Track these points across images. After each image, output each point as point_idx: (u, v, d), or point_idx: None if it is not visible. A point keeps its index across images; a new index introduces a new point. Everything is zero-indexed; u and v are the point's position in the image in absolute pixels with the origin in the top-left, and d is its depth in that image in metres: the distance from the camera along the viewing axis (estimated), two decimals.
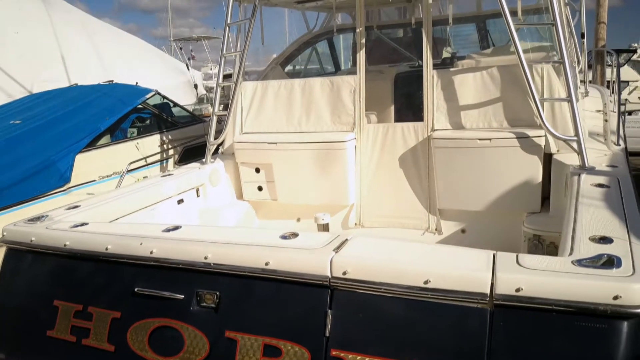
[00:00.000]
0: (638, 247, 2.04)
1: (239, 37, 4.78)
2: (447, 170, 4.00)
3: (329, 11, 6.19)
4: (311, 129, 4.55)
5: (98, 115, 5.60)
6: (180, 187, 4.32)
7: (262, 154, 4.55)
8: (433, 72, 4.10)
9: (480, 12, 6.38)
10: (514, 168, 3.74)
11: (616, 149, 3.89)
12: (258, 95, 4.73)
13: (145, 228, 2.80)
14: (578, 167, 3.39)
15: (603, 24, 13.72)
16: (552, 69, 3.68)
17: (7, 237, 3.10)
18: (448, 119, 4.07)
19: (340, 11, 6.45)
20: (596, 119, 4.83)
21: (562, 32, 3.49)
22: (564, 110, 3.63)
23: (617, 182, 3.05)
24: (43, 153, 4.85)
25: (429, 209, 4.22)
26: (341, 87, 4.41)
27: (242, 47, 4.56)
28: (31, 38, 10.09)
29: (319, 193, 4.45)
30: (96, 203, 3.59)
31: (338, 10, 6.21)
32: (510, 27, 3.48)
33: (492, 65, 4.44)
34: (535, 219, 3.65)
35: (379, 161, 4.38)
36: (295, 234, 2.36)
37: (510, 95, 3.85)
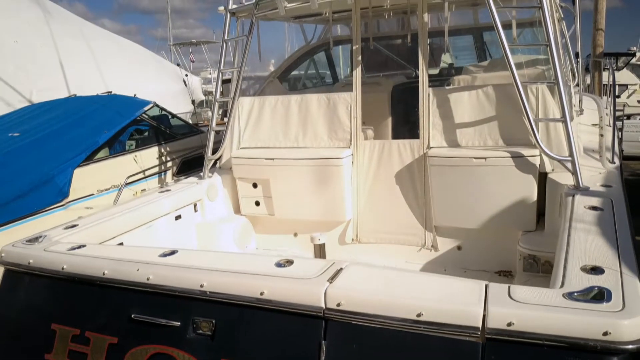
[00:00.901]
0: (628, 279, 2.06)
1: (236, 52, 4.81)
2: (443, 188, 4.03)
3: (326, 23, 6.22)
4: (308, 144, 4.58)
5: (96, 128, 5.62)
6: (178, 203, 4.35)
7: (259, 169, 4.58)
8: (429, 90, 4.13)
9: (477, 24, 6.41)
10: (509, 187, 3.77)
11: (611, 167, 3.91)
12: (255, 111, 4.76)
13: (142, 252, 2.82)
14: (572, 187, 3.42)
15: (601, 31, 13.76)
16: (547, 89, 3.71)
17: (5, 258, 3.12)
18: (444, 137, 4.10)
19: (337, 23, 6.48)
20: (592, 134, 4.86)
21: (557, 53, 3.51)
22: (559, 129, 3.66)
23: (610, 204, 3.08)
24: (41, 168, 4.86)
25: (425, 225, 4.25)
26: (338, 103, 4.44)
27: (239, 64, 4.59)
28: (30, 47, 10.13)
29: (316, 209, 4.48)
30: (94, 222, 3.61)
31: (335, 22, 6.24)
32: (505, 48, 3.51)
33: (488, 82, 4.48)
34: (531, 238, 3.68)
35: (376, 177, 4.41)
36: (290, 261, 2.39)
37: (506, 114, 3.88)
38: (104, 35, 13.32)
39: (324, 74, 7.18)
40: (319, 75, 7.15)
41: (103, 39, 12.90)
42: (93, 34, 12.47)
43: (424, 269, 4.17)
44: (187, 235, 4.49)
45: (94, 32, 12.76)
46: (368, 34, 6.18)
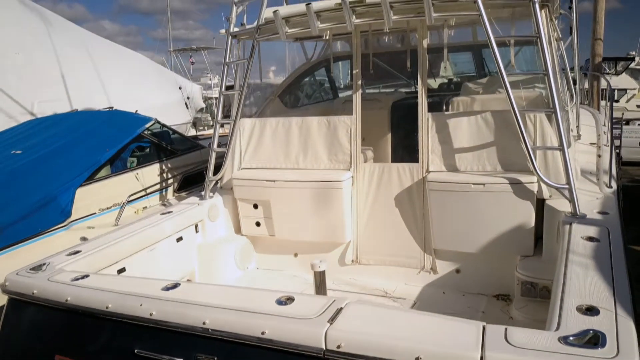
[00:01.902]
0: (623, 321, 2.10)
1: (237, 73, 4.86)
2: (441, 212, 4.07)
3: (327, 41, 6.27)
4: (308, 166, 4.63)
5: (98, 146, 5.66)
6: (179, 225, 4.40)
7: (260, 190, 4.63)
8: (428, 115, 4.18)
9: (476, 41, 6.46)
10: (507, 213, 3.82)
11: (608, 191, 3.96)
12: (256, 132, 4.81)
13: (145, 285, 2.86)
14: (570, 214, 3.47)
15: (600, 41, 13.81)
16: (545, 117, 3.76)
17: (9, 287, 3.16)
18: (443, 161, 4.15)
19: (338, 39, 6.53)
20: (589, 154, 4.90)
21: (554, 82, 3.56)
22: (557, 156, 3.70)
23: (607, 234, 3.12)
24: (44, 188, 4.90)
25: (424, 248, 4.30)
26: (338, 126, 4.49)
27: (240, 87, 4.64)
28: (32, 58, 10.16)
29: (316, 230, 4.52)
30: (96, 248, 3.66)
31: (335, 39, 6.29)
32: (504, 78, 3.55)
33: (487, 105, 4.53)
34: (528, 264, 3.72)
35: (375, 200, 4.46)
36: (291, 298, 2.43)
37: (504, 139, 3.93)
38: (105, 45, 13.37)
39: (324, 89, 7.22)
40: (320, 91, 7.20)
41: (104, 49, 12.94)
42: (94, 44, 12.51)
43: (423, 292, 4.21)
44: (189, 256, 4.53)
45: (95, 42, 12.81)
46: (368, 50, 6.23)
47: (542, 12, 3.74)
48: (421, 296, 4.12)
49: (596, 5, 13.58)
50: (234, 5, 4.62)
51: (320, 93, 7.26)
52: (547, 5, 3.89)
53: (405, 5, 3.85)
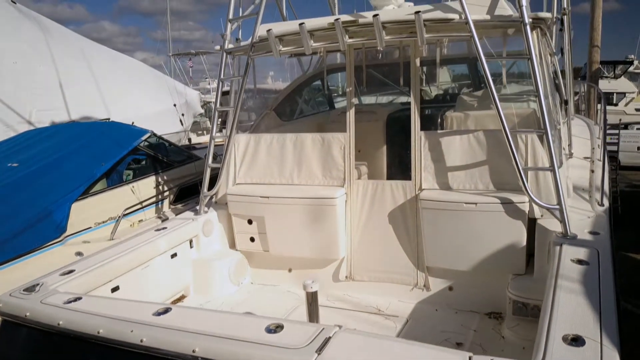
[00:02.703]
0: (608, 352, 2.12)
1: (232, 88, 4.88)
2: (434, 230, 4.09)
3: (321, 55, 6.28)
4: (303, 182, 4.66)
5: (94, 159, 5.68)
6: (174, 241, 4.41)
7: (254, 207, 4.65)
8: (421, 133, 4.21)
9: (471, 54, 6.48)
10: (499, 231, 3.84)
11: (600, 210, 3.97)
12: (251, 148, 4.83)
13: (137, 308, 2.88)
14: (560, 234, 3.49)
15: (597, 47, 13.85)
16: (537, 137, 3.78)
17: (3, 308, 3.18)
18: (435, 179, 4.17)
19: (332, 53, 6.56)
20: (583, 169, 4.93)
21: (546, 104, 3.58)
22: (548, 176, 3.72)
23: (597, 256, 3.14)
24: (39, 203, 4.91)
25: (417, 265, 4.32)
26: (332, 143, 4.52)
27: (235, 103, 4.66)
28: (30, 67, 10.19)
29: (310, 246, 4.54)
30: (90, 266, 3.67)
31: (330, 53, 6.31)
32: (496, 101, 3.58)
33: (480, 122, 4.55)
34: (520, 283, 3.74)
35: (369, 217, 4.48)
36: (280, 326, 2.45)
37: (496, 159, 3.95)
38: (103, 53, 13.39)
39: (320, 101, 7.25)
40: (316, 103, 7.23)
41: (102, 56, 12.98)
42: (92, 52, 12.54)
43: (416, 309, 4.23)
44: (183, 272, 4.55)
45: (93, 50, 12.83)
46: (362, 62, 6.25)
47: (534, 32, 3.77)
48: (414, 314, 4.13)
49: (593, 12, 13.63)
50: (229, 22, 4.65)
51: (316, 104, 7.29)
52: (538, 26, 3.92)
53: (397, 25, 3.88)
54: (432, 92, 7.50)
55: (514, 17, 3.68)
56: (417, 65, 4.27)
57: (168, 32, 39.09)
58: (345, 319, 4.08)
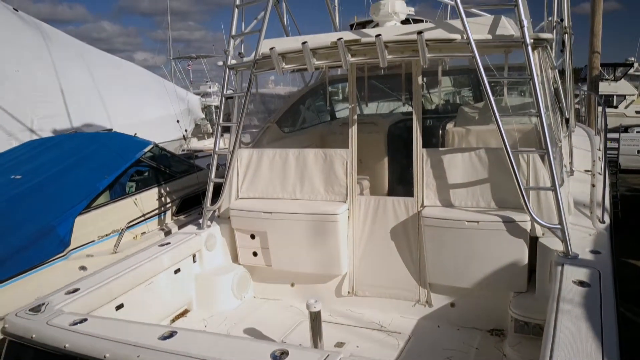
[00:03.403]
0: None
1: (235, 105, 4.91)
2: (436, 247, 4.12)
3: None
4: (305, 197, 4.68)
5: (97, 172, 5.70)
6: (177, 256, 4.44)
7: (257, 222, 4.67)
8: (423, 150, 4.23)
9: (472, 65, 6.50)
10: (500, 250, 3.86)
11: (601, 227, 4.00)
12: (254, 162, 4.86)
13: (143, 332, 2.91)
14: (562, 254, 3.52)
15: (597, 54, 13.88)
16: (538, 157, 3.80)
17: (9, 329, 3.21)
18: (437, 196, 4.20)
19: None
20: (583, 183, 4.95)
21: (547, 123, 3.61)
22: (549, 195, 3.75)
23: (598, 277, 3.17)
24: (43, 217, 4.93)
25: (420, 281, 4.34)
26: (334, 159, 4.54)
27: (238, 119, 4.69)
28: (31, 74, 10.21)
29: (313, 262, 4.57)
30: (95, 285, 3.70)
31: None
32: (498, 121, 3.60)
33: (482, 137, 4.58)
34: (522, 301, 3.76)
35: (371, 232, 4.50)
36: (285, 352, 2.47)
37: (498, 177, 3.97)
38: (104, 59, 13.42)
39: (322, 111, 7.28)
40: (317, 114, 7.26)
41: (104, 63, 13.00)
42: (94, 58, 12.57)
43: (418, 325, 4.25)
44: (186, 287, 4.58)
45: (94, 56, 12.86)
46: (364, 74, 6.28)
47: (535, 52, 3.80)
48: (416, 330, 4.16)
49: (593, 17, 13.65)
50: (232, 38, 4.68)
51: (318, 115, 7.31)
52: (539, 46, 3.94)
53: (400, 45, 3.91)
54: (432, 102, 7.53)
55: (515, 37, 3.70)
56: (419, 83, 4.30)
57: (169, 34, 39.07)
58: (348, 336, 4.10)
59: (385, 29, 4.36)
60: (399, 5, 4.65)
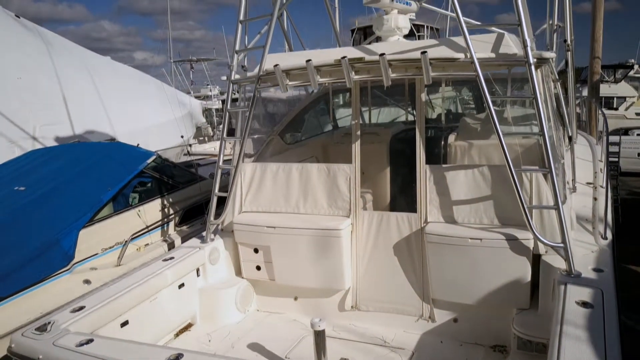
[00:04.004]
0: None
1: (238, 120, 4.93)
2: (439, 263, 4.14)
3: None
4: (308, 211, 4.70)
5: (100, 184, 5.71)
6: (181, 271, 4.46)
7: (260, 236, 4.69)
8: (426, 167, 4.25)
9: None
10: (503, 267, 3.88)
11: (603, 244, 4.02)
12: (257, 176, 4.88)
13: (149, 353, 2.93)
14: (565, 272, 3.54)
15: (598, 59, 13.88)
16: (541, 175, 3.82)
17: (15, 349, 3.23)
18: (440, 212, 4.22)
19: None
20: (585, 196, 4.97)
21: (550, 142, 3.63)
22: (552, 214, 3.76)
23: (601, 298, 3.19)
24: (47, 231, 4.95)
25: (423, 297, 4.36)
26: (337, 174, 4.56)
27: (241, 133, 4.71)
28: (33, 81, 10.22)
29: (316, 276, 4.59)
30: (100, 302, 3.72)
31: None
32: (501, 139, 3.62)
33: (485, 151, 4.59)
34: (524, 319, 3.78)
35: (375, 247, 4.52)
36: None
37: (501, 194, 3.99)
38: (106, 65, 13.45)
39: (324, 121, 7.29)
40: (320, 123, 7.28)
41: (105, 69, 13.02)
42: (95, 64, 12.58)
43: (421, 340, 4.27)
44: (191, 302, 4.60)
45: (96, 62, 12.88)
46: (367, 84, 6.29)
47: (538, 71, 3.82)
48: (419, 346, 4.18)
49: (594, 23, 13.65)
50: (235, 54, 4.70)
51: (320, 124, 7.33)
52: (542, 65, 3.96)
53: (403, 63, 3.93)
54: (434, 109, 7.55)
55: (518, 56, 3.72)
56: (423, 100, 4.31)
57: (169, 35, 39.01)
58: (352, 351, 4.12)
59: (389, 45, 4.38)
60: (402, 20, 4.67)
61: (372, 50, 4.22)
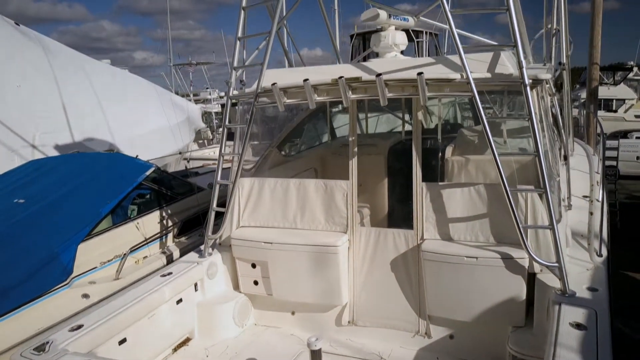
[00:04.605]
0: None
1: (236, 137, 4.96)
2: (435, 281, 4.17)
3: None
4: (306, 226, 4.73)
5: (99, 196, 5.73)
6: (179, 287, 4.49)
7: (257, 252, 4.73)
8: (422, 184, 4.28)
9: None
10: (499, 285, 3.92)
11: (598, 261, 4.05)
12: (255, 191, 4.91)
13: None
14: (559, 292, 3.57)
15: (596, 65, 13.92)
16: (537, 195, 3.85)
17: None
18: (437, 230, 4.25)
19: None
20: (582, 210, 4.99)
21: (545, 162, 3.66)
22: (547, 233, 3.79)
23: (595, 319, 3.22)
24: (46, 245, 4.96)
25: (419, 313, 4.39)
26: (334, 190, 4.59)
27: (239, 149, 4.73)
28: (33, 88, 10.24)
29: (313, 292, 4.62)
30: (98, 321, 3.75)
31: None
32: (496, 159, 3.65)
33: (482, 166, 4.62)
34: (519, 337, 3.82)
35: (371, 263, 4.56)
36: None
37: (496, 212, 4.02)
38: (105, 72, 13.48)
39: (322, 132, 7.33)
40: (318, 134, 7.31)
41: (105, 75, 13.05)
42: (94, 71, 12.61)
43: (417, 356, 4.30)
44: (189, 317, 4.63)
45: (95, 68, 12.91)
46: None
47: (533, 91, 3.85)
48: None
49: (593, 29, 13.69)
50: (233, 70, 4.73)
51: (318, 134, 7.36)
52: (537, 85, 4.00)
53: (400, 83, 3.96)
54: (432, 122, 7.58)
55: (514, 77, 3.75)
56: (419, 118, 4.35)
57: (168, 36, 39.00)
58: None
59: (386, 62, 4.41)
60: (399, 37, 4.71)
61: (369, 68, 4.26)
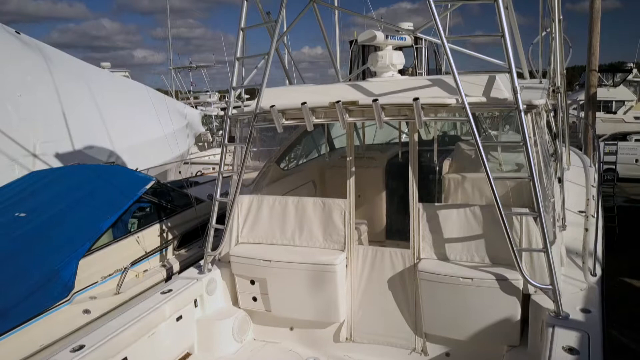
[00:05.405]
0: None
1: (235, 155, 5.01)
2: (432, 300, 4.23)
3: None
4: (304, 243, 4.79)
5: (100, 210, 5.79)
6: (179, 304, 4.55)
7: (256, 269, 4.78)
8: (419, 205, 4.34)
9: None
10: (494, 306, 3.97)
11: (592, 281, 4.10)
12: (254, 208, 4.96)
13: None
14: (553, 314, 3.62)
15: (594, 72, 13.99)
16: (531, 219, 3.91)
17: None
18: (433, 250, 4.31)
19: None
20: (577, 227, 5.05)
21: (539, 185, 3.71)
22: (542, 256, 3.85)
23: (587, 342, 3.28)
24: (47, 261, 5.01)
25: (416, 331, 4.45)
26: (332, 209, 4.65)
27: (238, 168, 4.79)
28: (33, 97, 10.30)
29: (311, 309, 4.68)
30: (100, 341, 3.80)
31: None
32: (491, 182, 3.71)
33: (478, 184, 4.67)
34: (514, 356, 3.88)
35: (369, 281, 4.61)
36: None
37: (492, 234, 4.08)
38: (105, 78, 13.55)
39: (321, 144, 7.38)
40: (316, 145, 7.37)
41: (104, 83, 13.12)
42: (94, 77, 12.68)
43: None
44: (188, 333, 4.69)
45: (95, 75, 12.98)
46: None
47: (527, 116, 3.90)
48: None
49: (591, 36, 13.76)
50: (232, 89, 4.78)
51: (317, 146, 7.42)
52: (532, 110, 4.05)
53: (396, 107, 4.02)
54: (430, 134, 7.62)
55: (508, 101, 3.80)
56: (415, 140, 4.40)
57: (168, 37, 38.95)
58: None
59: (383, 83, 4.46)
60: (396, 57, 4.76)
61: (366, 89, 4.31)
